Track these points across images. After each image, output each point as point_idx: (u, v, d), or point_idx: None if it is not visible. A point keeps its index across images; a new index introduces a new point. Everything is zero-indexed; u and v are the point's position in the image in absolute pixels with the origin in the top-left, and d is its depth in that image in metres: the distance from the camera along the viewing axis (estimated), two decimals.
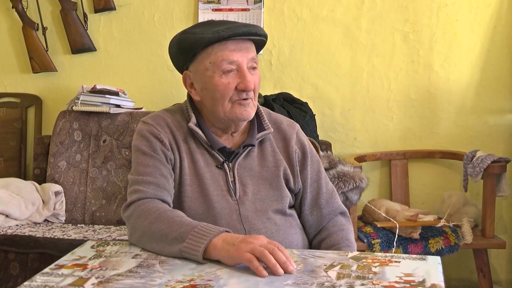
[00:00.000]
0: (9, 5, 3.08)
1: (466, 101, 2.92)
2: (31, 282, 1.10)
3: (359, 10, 2.93)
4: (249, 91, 1.40)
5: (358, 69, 2.97)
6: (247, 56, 1.41)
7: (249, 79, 1.39)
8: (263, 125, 1.50)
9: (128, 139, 2.78)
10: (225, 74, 1.40)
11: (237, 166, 1.47)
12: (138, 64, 3.10)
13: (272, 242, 1.19)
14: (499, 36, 2.86)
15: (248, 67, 1.41)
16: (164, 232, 1.27)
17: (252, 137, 1.48)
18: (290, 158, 1.51)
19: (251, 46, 1.43)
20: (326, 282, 1.08)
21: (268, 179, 1.48)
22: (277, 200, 1.48)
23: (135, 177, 1.43)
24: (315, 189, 1.54)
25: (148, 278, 1.12)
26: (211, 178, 1.45)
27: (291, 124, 1.57)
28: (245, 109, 1.42)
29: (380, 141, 2.98)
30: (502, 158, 2.62)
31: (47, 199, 2.66)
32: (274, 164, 1.49)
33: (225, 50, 1.39)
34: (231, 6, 2.98)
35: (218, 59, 1.39)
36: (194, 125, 1.45)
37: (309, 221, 1.55)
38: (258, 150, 1.50)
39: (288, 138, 1.53)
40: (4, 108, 3.13)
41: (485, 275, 2.65)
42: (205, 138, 1.46)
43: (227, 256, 1.18)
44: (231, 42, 1.39)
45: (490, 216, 2.60)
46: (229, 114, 1.42)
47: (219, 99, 1.41)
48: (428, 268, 1.15)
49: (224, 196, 1.44)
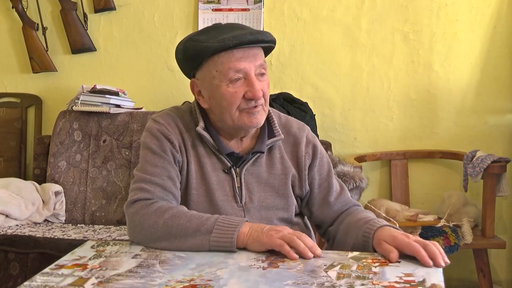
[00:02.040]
0: (9, 5, 3.08)
1: (466, 101, 2.92)
2: (31, 282, 1.10)
3: (359, 10, 2.93)
4: (257, 99, 1.37)
5: (358, 69, 2.97)
6: (255, 64, 1.37)
7: (257, 87, 1.36)
8: (273, 132, 1.48)
9: (128, 139, 2.78)
10: (232, 83, 1.36)
11: (245, 172, 1.45)
12: (138, 64, 3.10)
13: (296, 231, 1.26)
14: (499, 36, 2.86)
15: (257, 74, 1.38)
16: (184, 226, 1.29)
17: (262, 143, 1.46)
18: (299, 162, 1.49)
19: (259, 52, 1.40)
20: (326, 282, 1.08)
21: (275, 186, 1.46)
22: (283, 208, 1.46)
23: (142, 175, 1.40)
24: (325, 188, 1.51)
25: (148, 278, 1.12)
26: (218, 183, 1.44)
27: (301, 127, 1.54)
28: (255, 117, 1.39)
29: (380, 141, 2.98)
30: (502, 158, 2.62)
31: (47, 199, 2.66)
32: (282, 172, 1.47)
33: (231, 58, 1.35)
34: (231, 6, 2.98)
35: (225, 68, 1.36)
36: (202, 129, 1.43)
37: (320, 218, 1.52)
38: (266, 157, 1.48)
39: (298, 142, 1.50)
40: (4, 108, 3.13)
41: (485, 275, 2.65)
42: (213, 142, 1.43)
43: (257, 242, 1.25)
44: (237, 50, 1.35)
45: (490, 216, 2.60)
46: (237, 122, 1.40)
47: (227, 108, 1.38)
48: (428, 268, 1.15)
49: (230, 202, 1.44)
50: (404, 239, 1.22)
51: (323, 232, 1.54)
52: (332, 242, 1.49)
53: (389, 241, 1.23)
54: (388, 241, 1.24)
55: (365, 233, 1.32)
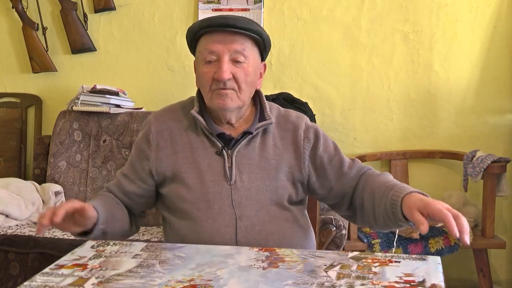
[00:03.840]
0: (9, 5, 3.08)
1: (466, 101, 2.92)
2: (31, 282, 1.10)
3: (359, 10, 2.93)
4: (221, 81, 1.42)
5: (358, 69, 2.97)
6: (230, 48, 1.43)
7: (224, 69, 1.41)
8: (264, 116, 1.52)
9: (128, 139, 2.78)
10: (206, 64, 1.45)
11: (236, 153, 1.48)
12: (138, 64, 3.10)
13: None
14: (499, 36, 2.87)
15: (232, 59, 1.43)
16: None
17: (253, 126, 1.50)
18: (297, 146, 1.52)
19: (240, 39, 1.44)
20: (326, 282, 1.08)
21: (265, 169, 1.48)
22: (272, 190, 1.48)
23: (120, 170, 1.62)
24: (337, 162, 1.52)
25: (148, 278, 1.12)
26: (209, 165, 1.47)
27: (299, 116, 1.58)
28: (222, 99, 1.44)
29: (380, 141, 2.98)
30: (502, 158, 2.62)
31: (47, 199, 2.66)
32: (274, 158, 1.50)
33: (208, 41, 1.44)
34: (231, 6, 2.98)
35: (202, 49, 1.45)
36: (195, 112, 1.49)
37: (340, 191, 1.51)
38: (260, 141, 1.51)
39: (296, 128, 1.53)
40: (4, 108, 3.13)
41: (485, 275, 2.65)
42: (205, 124, 1.48)
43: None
44: (217, 33, 1.43)
45: (490, 216, 2.60)
46: (210, 103, 1.47)
47: (203, 87, 1.48)
48: (428, 268, 1.15)
49: (220, 181, 1.46)
50: (436, 205, 1.18)
51: (346, 207, 1.53)
52: (361, 214, 1.48)
53: (421, 208, 1.21)
54: (420, 208, 1.21)
55: (393, 201, 1.29)
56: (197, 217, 1.45)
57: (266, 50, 1.52)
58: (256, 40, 1.47)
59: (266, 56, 1.55)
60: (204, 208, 1.45)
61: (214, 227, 1.43)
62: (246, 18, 1.47)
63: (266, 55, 1.54)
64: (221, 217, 1.44)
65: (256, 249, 1.29)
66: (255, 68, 1.49)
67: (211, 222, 1.44)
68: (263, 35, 1.48)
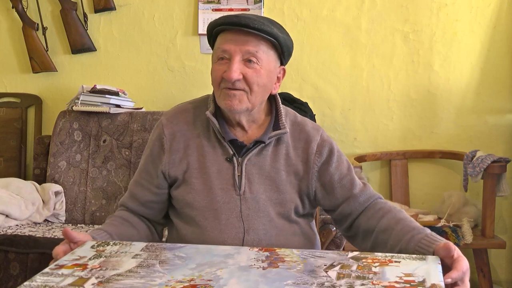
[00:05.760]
0: (9, 5, 3.08)
1: (466, 101, 2.92)
2: (31, 282, 1.10)
3: (359, 10, 2.93)
4: (230, 81, 1.38)
5: (358, 69, 2.97)
6: (242, 48, 1.38)
7: (233, 69, 1.37)
8: (279, 125, 1.48)
9: (128, 139, 2.78)
10: (219, 61, 1.42)
11: (247, 162, 1.45)
12: (138, 64, 3.10)
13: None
14: (499, 36, 2.87)
15: (244, 59, 1.39)
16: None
17: (266, 134, 1.46)
18: (308, 159, 1.48)
19: (254, 41, 1.40)
20: (326, 282, 1.08)
21: (275, 181, 1.46)
22: (280, 203, 1.46)
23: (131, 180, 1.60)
24: (348, 182, 1.49)
25: (148, 278, 1.12)
26: (218, 172, 1.44)
27: (316, 127, 1.54)
28: (230, 99, 1.40)
29: (380, 141, 2.98)
30: (502, 158, 2.62)
31: (47, 199, 2.66)
32: (284, 168, 1.47)
33: (223, 39, 1.42)
34: (231, 6, 2.98)
35: (217, 47, 1.43)
36: (210, 113, 1.45)
37: (346, 211, 1.49)
38: (272, 150, 1.47)
39: (310, 140, 1.49)
40: (4, 108, 3.13)
41: (485, 275, 2.66)
42: (218, 127, 1.45)
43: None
44: (232, 32, 1.40)
45: (490, 216, 2.60)
46: (219, 102, 1.43)
47: (213, 85, 1.44)
48: (428, 268, 1.15)
49: (228, 190, 1.44)
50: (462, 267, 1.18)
51: (348, 226, 1.51)
52: (362, 237, 1.47)
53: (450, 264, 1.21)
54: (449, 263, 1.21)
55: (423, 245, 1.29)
56: (203, 225, 1.43)
57: (284, 54, 1.45)
58: (272, 42, 1.41)
59: (286, 61, 1.49)
60: (211, 218, 1.42)
61: (220, 238, 1.41)
62: (265, 19, 1.42)
63: (284, 59, 1.47)
64: (228, 229, 1.42)
65: (256, 249, 1.29)
66: (269, 71, 1.43)
67: (217, 233, 1.42)
68: (280, 38, 1.41)
